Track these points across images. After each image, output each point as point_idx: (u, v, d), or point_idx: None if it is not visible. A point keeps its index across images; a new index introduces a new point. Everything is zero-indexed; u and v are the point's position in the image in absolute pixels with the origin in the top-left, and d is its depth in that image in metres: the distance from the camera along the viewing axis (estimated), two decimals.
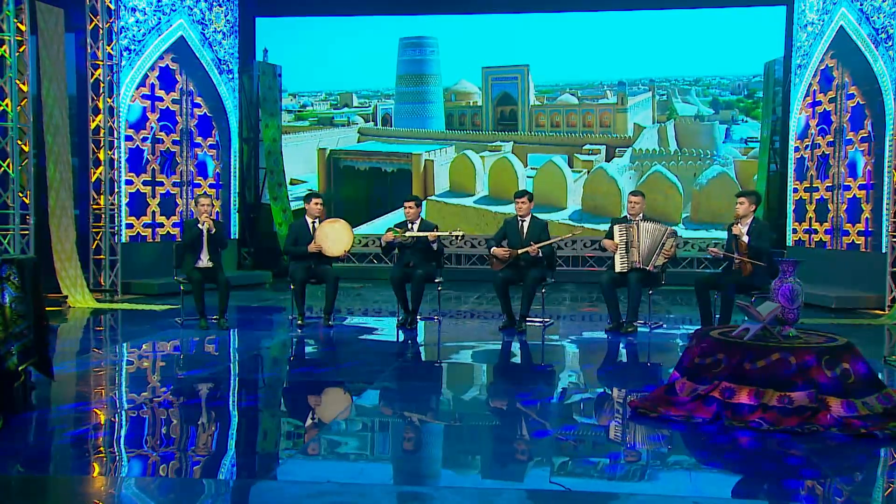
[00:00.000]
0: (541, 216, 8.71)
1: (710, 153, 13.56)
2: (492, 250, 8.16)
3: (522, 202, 8.15)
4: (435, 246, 8.36)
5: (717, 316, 7.48)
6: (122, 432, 4.56)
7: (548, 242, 8.01)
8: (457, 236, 8.45)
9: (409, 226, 8.43)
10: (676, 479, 3.80)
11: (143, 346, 7.43)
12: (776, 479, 3.85)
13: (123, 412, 4.96)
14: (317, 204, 8.45)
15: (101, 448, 4.26)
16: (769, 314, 4.98)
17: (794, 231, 12.01)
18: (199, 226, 8.17)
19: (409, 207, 8.46)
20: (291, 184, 14.23)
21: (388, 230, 8.47)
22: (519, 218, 8.19)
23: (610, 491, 3.62)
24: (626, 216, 8.21)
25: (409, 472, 3.93)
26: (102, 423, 4.69)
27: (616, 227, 8.10)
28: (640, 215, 8.10)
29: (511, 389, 5.89)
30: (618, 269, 8.03)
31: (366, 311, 10.16)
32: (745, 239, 7.39)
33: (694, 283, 7.83)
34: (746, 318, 5.11)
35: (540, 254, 7.94)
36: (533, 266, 8.00)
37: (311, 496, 3.56)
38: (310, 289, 8.56)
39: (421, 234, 8.30)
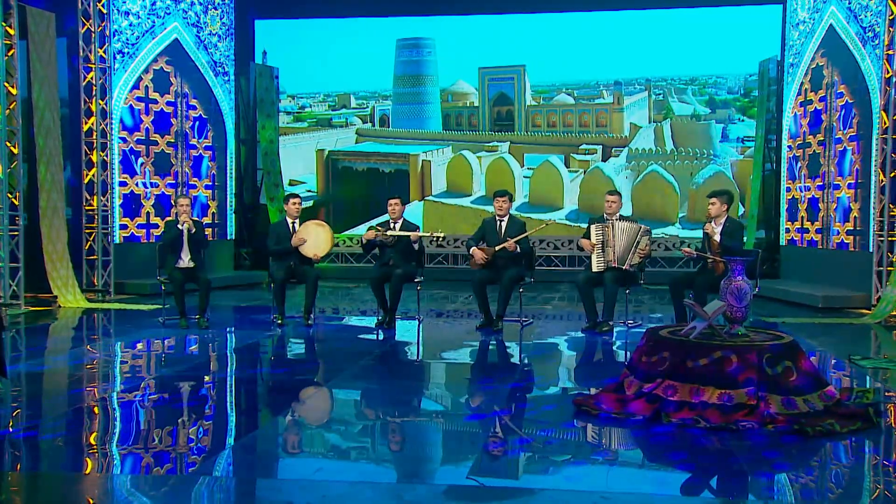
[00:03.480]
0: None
1: (707, 152, 13.50)
2: (471, 250, 8.19)
3: (503, 201, 8.17)
4: (416, 245, 8.41)
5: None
6: (68, 430, 4.66)
7: (524, 235, 8.02)
8: (437, 237, 8.51)
9: (392, 225, 8.48)
10: (593, 474, 3.82)
11: (122, 345, 7.56)
12: (698, 474, 3.86)
13: (74, 409, 5.06)
14: (294, 204, 8.56)
15: (57, 444, 4.35)
16: (714, 312, 5.00)
17: (787, 230, 11.93)
18: (179, 226, 8.27)
19: (394, 205, 8.50)
20: (290, 184, 14.34)
21: (370, 229, 8.54)
22: (497, 218, 8.21)
23: (523, 486, 3.64)
24: (602, 215, 8.22)
25: (333, 469, 3.96)
26: (54, 420, 4.79)
27: (593, 227, 8.14)
28: (617, 215, 8.12)
29: (463, 387, 5.92)
30: (594, 268, 8.05)
31: (364, 311, 10.19)
32: (717, 238, 7.40)
33: (669, 283, 7.87)
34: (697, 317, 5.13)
35: (518, 249, 7.96)
36: (511, 265, 8.02)
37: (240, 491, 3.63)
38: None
39: (402, 233, 8.35)
